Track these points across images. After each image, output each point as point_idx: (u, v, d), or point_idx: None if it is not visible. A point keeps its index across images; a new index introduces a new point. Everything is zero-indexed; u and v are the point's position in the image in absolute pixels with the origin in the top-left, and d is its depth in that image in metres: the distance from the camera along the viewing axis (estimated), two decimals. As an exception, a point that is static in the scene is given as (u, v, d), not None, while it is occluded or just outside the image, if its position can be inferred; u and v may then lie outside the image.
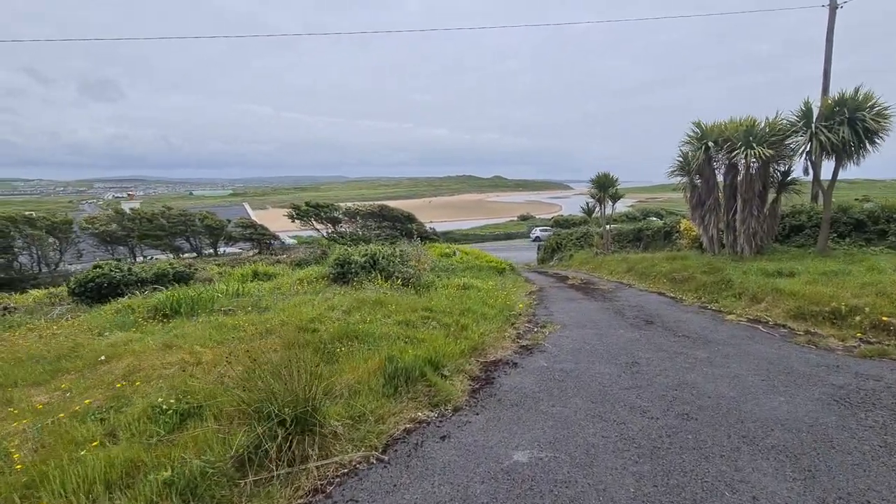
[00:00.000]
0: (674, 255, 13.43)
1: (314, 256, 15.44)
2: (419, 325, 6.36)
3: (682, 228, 16.42)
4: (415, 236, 35.50)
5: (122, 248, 25.13)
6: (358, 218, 36.95)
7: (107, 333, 6.77)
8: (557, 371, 4.97)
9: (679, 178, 13.19)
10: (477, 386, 4.57)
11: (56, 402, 4.28)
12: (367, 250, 10.77)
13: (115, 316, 7.86)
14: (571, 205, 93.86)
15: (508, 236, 60.18)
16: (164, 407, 3.53)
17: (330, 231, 34.63)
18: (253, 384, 3.18)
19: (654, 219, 38.50)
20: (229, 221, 28.56)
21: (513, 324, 7.32)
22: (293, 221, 33.20)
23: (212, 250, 28.23)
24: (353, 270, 10.34)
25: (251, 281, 12.82)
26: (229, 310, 7.97)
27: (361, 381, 4.09)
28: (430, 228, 43.04)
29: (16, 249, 22.00)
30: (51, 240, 22.72)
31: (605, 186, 19.52)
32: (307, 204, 33.69)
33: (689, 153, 12.38)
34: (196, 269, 15.12)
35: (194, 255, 27.45)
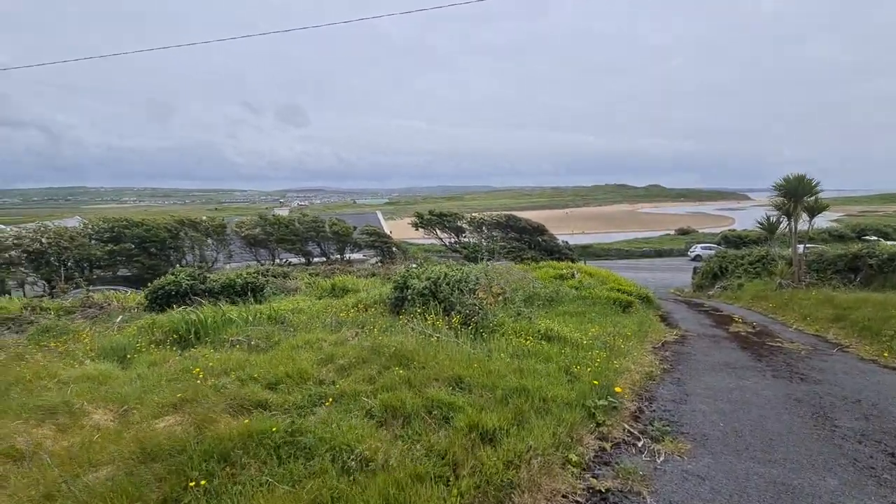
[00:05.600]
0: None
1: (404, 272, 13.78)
2: (416, 421, 3.78)
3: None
4: (542, 248, 32.17)
5: (263, 251, 27.54)
6: (483, 228, 35.11)
7: (87, 363, 5.74)
8: None
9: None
10: None
11: None
12: (431, 273, 8.47)
13: (135, 335, 7.01)
14: (747, 218, 77.88)
15: (659, 253, 51.90)
16: None
17: (453, 241, 33.47)
18: None
19: (879, 240, 28.27)
20: (355, 228, 29.34)
21: (597, 424, 4.18)
22: (417, 230, 32.93)
23: (338, 256, 29.30)
24: (409, 297, 8.16)
25: (328, 295, 11.64)
26: (237, 340, 6.47)
27: None
28: (563, 242, 38.94)
29: (184, 249, 25.63)
30: (209, 241, 25.98)
31: (797, 194, 13.87)
32: (431, 213, 33.10)
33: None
34: (288, 276, 14.75)
35: (323, 259, 28.79)
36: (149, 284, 10.77)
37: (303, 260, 27.99)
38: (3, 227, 25.67)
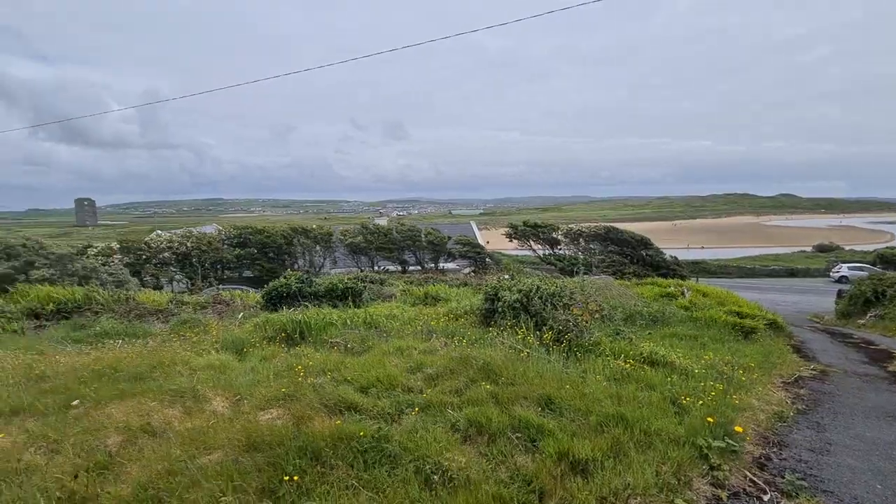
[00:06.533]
0: None
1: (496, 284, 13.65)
2: (501, 440, 3.62)
3: None
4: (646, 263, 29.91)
5: (363, 257, 29.30)
6: (580, 240, 33.60)
7: (213, 353, 6.49)
8: None
9: None
10: None
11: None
12: (523, 285, 8.23)
13: (251, 331, 7.79)
14: (913, 233, 64.45)
15: (792, 272, 45.14)
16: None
17: (547, 253, 32.52)
18: None
19: None
20: (449, 238, 29.91)
21: (711, 467, 3.62)
22: (510, 241, 32.58)
23: (433, 265, 30.07)
24: (499, 310, 8.00)
25: (421, 303, 11.95)
26: (335, 342, 6.86)
27: None
28: (671, 257, 35.70)
29: (296, 254, 28.27)
30: (317, 248, 28.37)
31: None
32: (525, 224, 32.53)
33: None
34: (384, 283, 15.42)
35: (418, 267, 29.77)
36: (265, 285, 11.98)
37: (399, 268, 29.22)
38: (160, 232, 30.66)
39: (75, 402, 4.36)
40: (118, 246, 24.59)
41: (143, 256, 24.15)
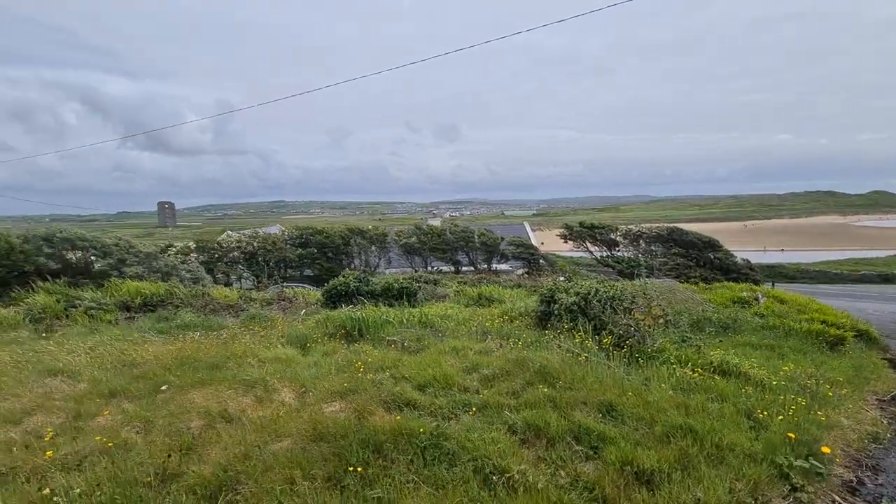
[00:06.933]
0: None
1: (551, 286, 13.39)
2: (560, 445, 3.56)
3: None
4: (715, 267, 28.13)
5: (417, 258, 29.75)
6: (641, 242, 32.12)
7: (279, 347, 6.88)
8: None
9: None
10: None
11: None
12: (581, 287, 8.01)
13: (314, 327, 8.17)
14: None
15: (887, 278, 40.52)
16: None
17: (604, 254, 31.39)
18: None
19: None
20: (503, 239, 29.68)
21: (793, 488, 3.34)
22: (565, 242, 31.78)
23: (485, 265, 29.97)
24: (556, 312, 7.84)
25: (474, 304, 11.98)
26: (392, 340, 7.04)
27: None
28: (743, 260, 33.24)
29: (353, 254, 29.24)
30: (373, 248, 29.18)
31: None
32: (581, 224, 31.59)
33: None
34: (438, 283, 15.58)
35: (471, 268, 29.78)
36: (325, 284, 12.51)
37: (452, 268, 29.40)
38: (230, 232, 32.90)
39: (164, 388, 4.79)
40: (194, 245, 26.68)
41: (216, 255, 26.02)
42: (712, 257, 29.58)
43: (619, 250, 31.65)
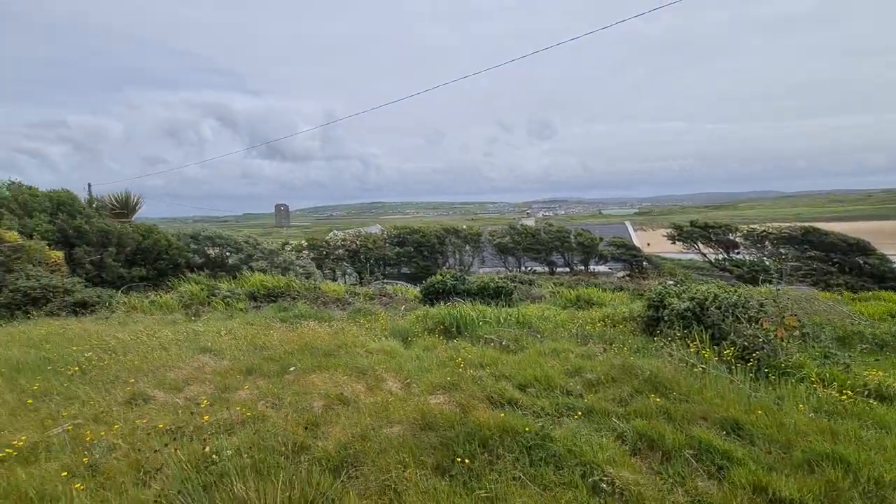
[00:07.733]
0: None
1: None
2: (677, 460, 3.30)
3: None
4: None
5: (510, 258, 29.54)
6: (766, 244, 28.42)
7: (383, 339, 7.30)
8: None
9: None
10: None
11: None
12: (696, 292, 7.34)
13: (414, 322, 8.54)
14: None
15: None
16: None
17: (720, 257, 28.32)
18: None
19: None
20: (601, 240, 28.24)
21: None
22: (673, 243, 29.23)
23: (582, 267, 28.79)
24: (665, 318, 7.28)
25: (572, 306, 11.60)
26: (490, 339, 7.09)
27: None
28: (903, 265, 27.80)
29: (447, 253, 29.94)
30: (467, 247, 29.60)
31: None
32: (693, 224, 28.79)
33: None
34: (533, 283, 15.32)
35: (567, 269, 28.81)
36: (422, 282, 13.00)
37: (546, 269, 28.71)
38: (336, 232, 35.65)
39: (291, 369, 5.37)
40: (306, 243, 29.38)
41: (324, 252, 28.37)
42: (861, 262, 25.20)
43: (738, 253, 28.34)
